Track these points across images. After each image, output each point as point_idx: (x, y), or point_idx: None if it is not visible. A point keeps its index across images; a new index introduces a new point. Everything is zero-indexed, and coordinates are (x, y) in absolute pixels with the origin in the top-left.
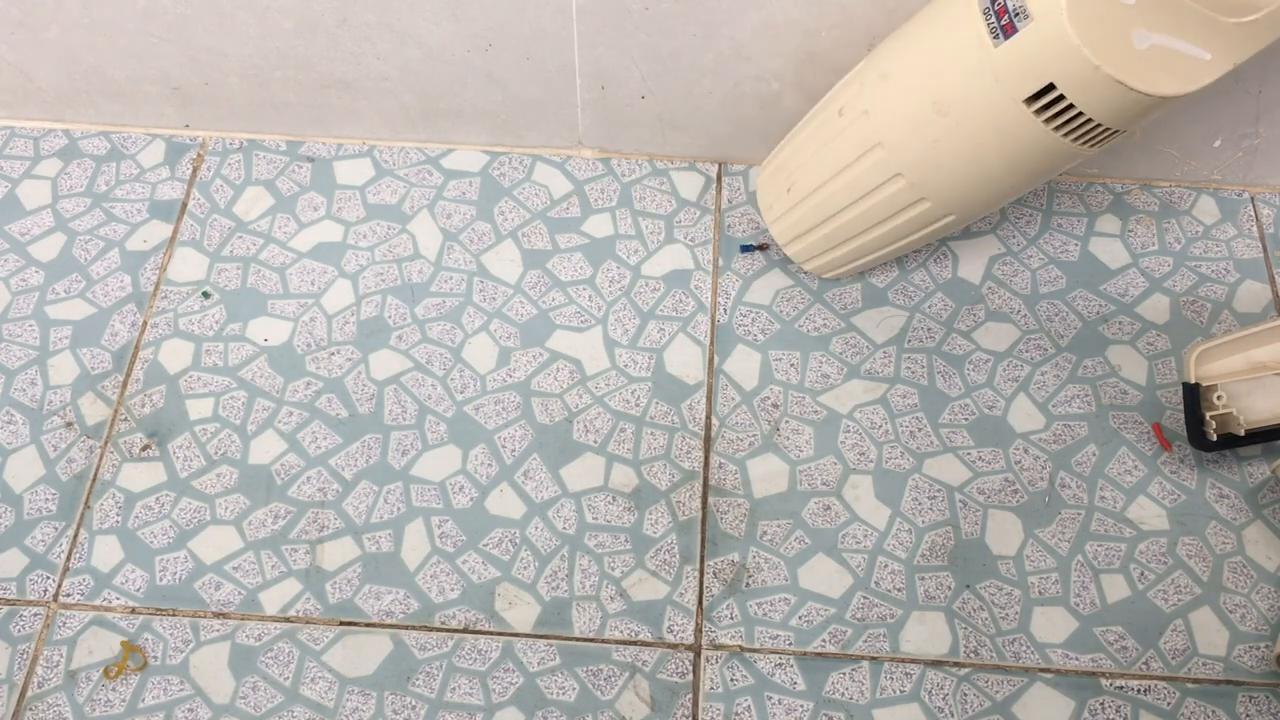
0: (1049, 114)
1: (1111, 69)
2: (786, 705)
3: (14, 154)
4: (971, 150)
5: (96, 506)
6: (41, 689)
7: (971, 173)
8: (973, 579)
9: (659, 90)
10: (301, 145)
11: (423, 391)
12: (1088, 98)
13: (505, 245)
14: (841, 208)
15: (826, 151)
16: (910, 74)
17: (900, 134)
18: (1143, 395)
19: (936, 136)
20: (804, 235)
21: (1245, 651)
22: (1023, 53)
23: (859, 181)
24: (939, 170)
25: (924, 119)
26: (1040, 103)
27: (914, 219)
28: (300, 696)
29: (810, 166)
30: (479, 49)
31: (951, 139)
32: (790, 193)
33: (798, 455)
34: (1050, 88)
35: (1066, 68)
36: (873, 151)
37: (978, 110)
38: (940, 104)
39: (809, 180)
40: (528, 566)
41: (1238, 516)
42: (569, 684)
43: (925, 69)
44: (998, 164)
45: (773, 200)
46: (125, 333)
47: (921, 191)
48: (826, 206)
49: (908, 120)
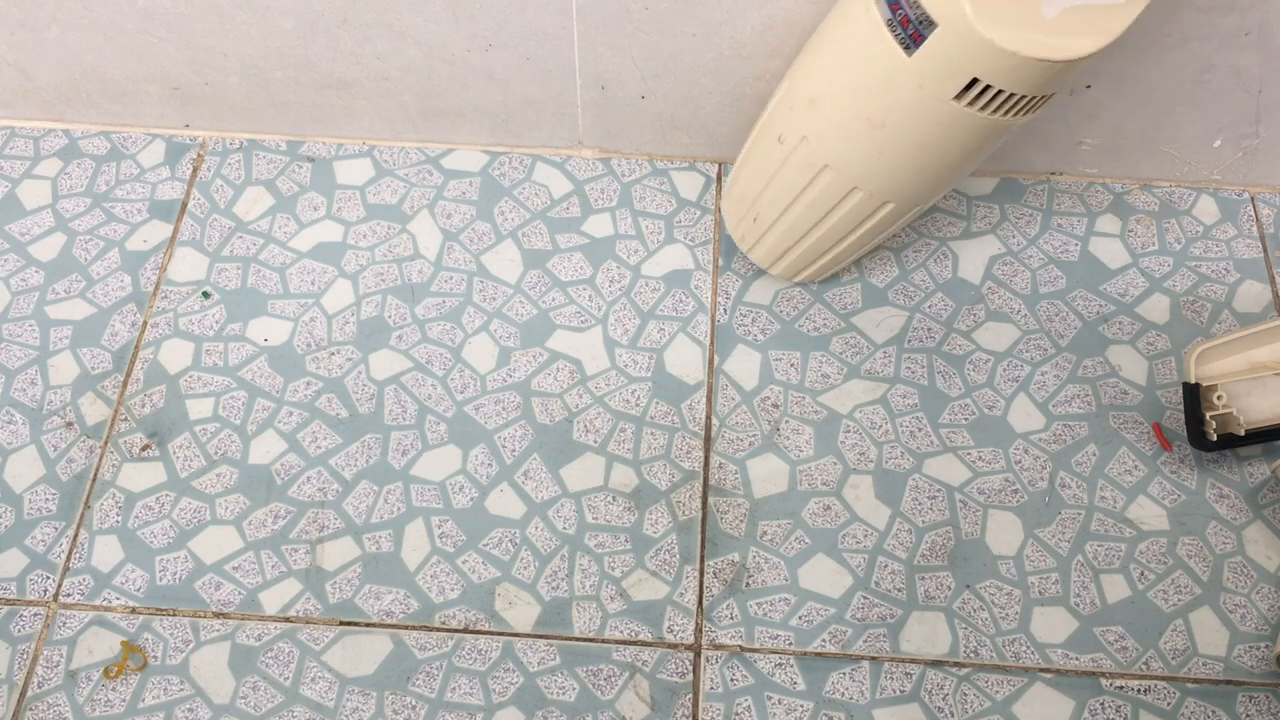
0: (980, 102)
1: (1029, 50)
2: (786, 705)
3: (14, 154)
4: (917, 151)
5: (96, 506)
6: (41, 689)
7: (924, 169)
8: (973, 579)
9: (659, 90)
10: (301, 145)
11: (423, 391)
12: (1012, 81)
13: (505, 245)
14: (811, 226)
15: (778, 181)
16: (837, 96)
17: (844, 153)
18: (1143, 395)
19: (880, 148)
20: (783, 256)
21: (1245, 651)
22: (938, 57)
23: (819, 202)
24: (892, 175)
25: (862, 135)
26: (969, 96)
27: (885, 217)
28: (300, 696)
29: (768, 197)
30: (479, 49)
31: (895, 147)
32: (757, 222)
33: (798, 455)
34: (975, 81)
35: (984, 61)
36: (823, 173)
37: (911, 116)
38: (873, 119)
39: (771, 211)
40: (528, 566)
41: (1238, 516)
42: (569, 684)
43: (849, 89)
44: (945, 156)
45: (744, 231)
46: (125, 333)
47: (882, 197)
48: (796, 229)
49: (847, 139)
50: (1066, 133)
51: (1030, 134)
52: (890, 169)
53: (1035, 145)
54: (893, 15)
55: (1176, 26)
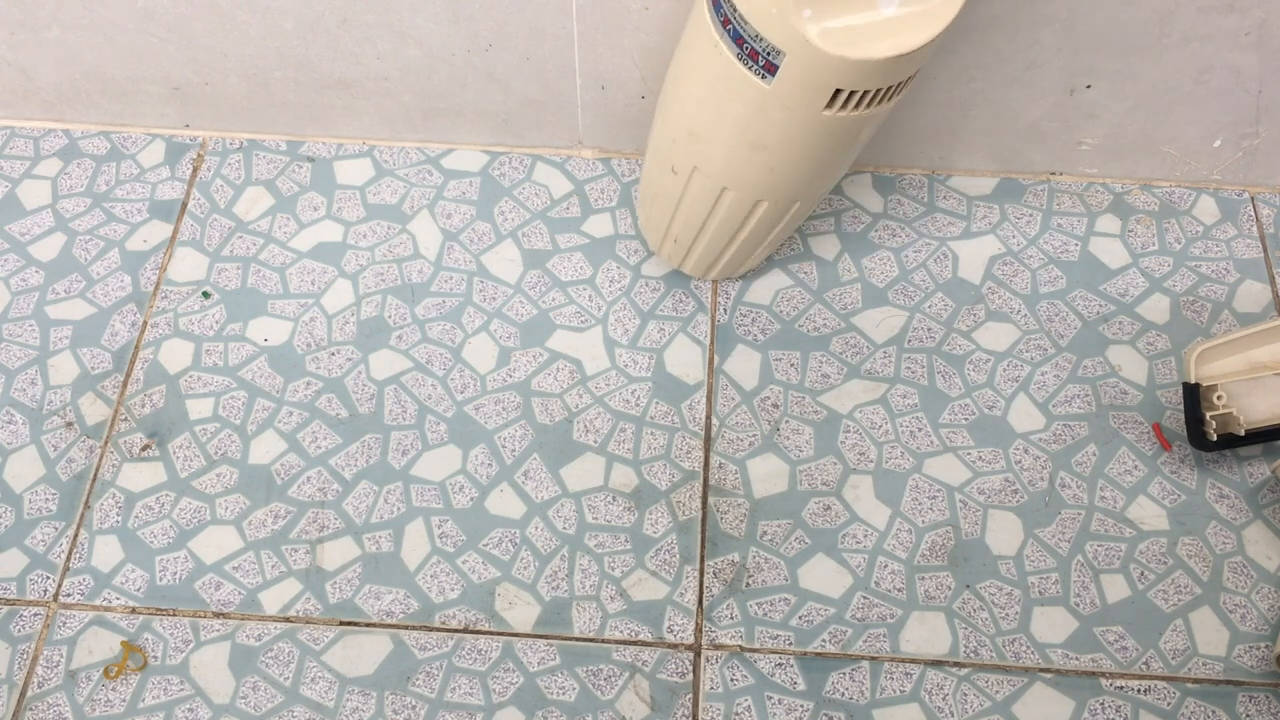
0: (849, 106)
1: (878, 52)
2: (786, 705)
3: (14, 154)
4: (805, 161)
5: (96, 506)
6: (41, 689)
7: (818, 170)
8: (973, 579)
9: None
10: (301, 145)
11: (423, 391)
12: (872, 81)
13: (505, 245)
14: (729, 239)
15: (685, 208)
16: (715, 128)
17: (738, 175)
18: (1143, 395)
19: (770, 165)
20: (713, 265)
21: (1245, 651)
22: (796, 80)
23: (730, 218)
24: (791, 181)
25: (750, 157)
26: (836, 104)
27: (796, 214)
28: (300, 696)
29: (679, 221)
30: (479, 49)
31: (784, 161)
32: (677, 243)
33: (798, 455)
34: (838, 92)
35: (841, 74)
36: (725, 194)
37: (788, 134)
38: (755, 144)
39: (686, 232)
40: (528, 566)
41: (1238, 516)
42: (569, 684)
43: (723, 121)
44: (832, 155)
45: (668, 251)
46: (125, 333)
47: (789, 200)
48: (716, 243)
49: (736, 163)
50: (1066, 133)
51: (1030, 134)
52: (787, 179)
53: (1035, 145)
54: (740, 50)
55: (1176, 26)
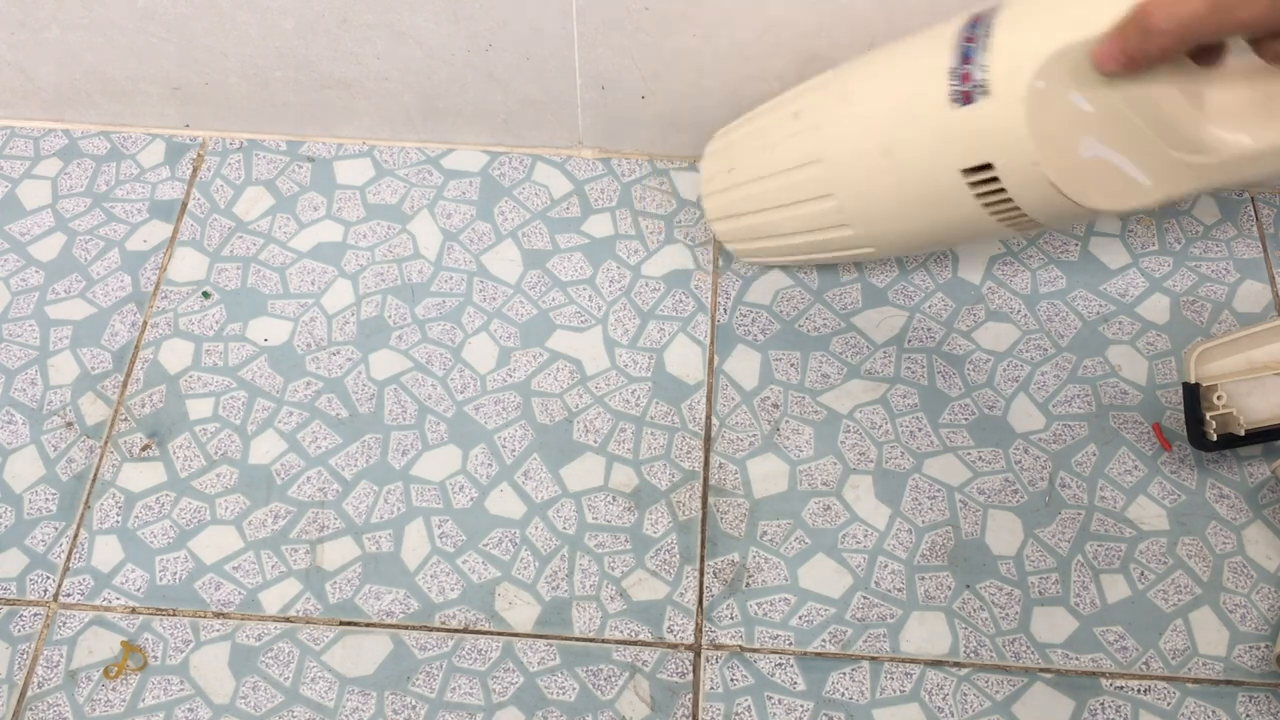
0: (981, 189)
1: (1049, 169)
2: (786, 705)
3: (14, 154)
4: (902, 196)
5: (96, 506)
6: (41, 689)
7: (897, 216)
8: (973, 579)
9: (659, 90)
10: (301, 145)
11: (423, 391)
12: (1019, 188)
13: (505, 245)
14: (771, 206)
15: (772, 149)
16: (869, 105)
17: (842, 158)
18: (1143, 395)
19: (875, 173)
20: (731, 218)
21: (1245, 651)
22: (973, 126)
23: (793, 189)
24: (868, 203)
25: (868, 153)
26: (976, 176)
27: (833, 240)
28: (300, 696)
29: (754, 157)
30: (479, 49)
31: (887, 179)
32: (731, 173)
33: (798, 455)
34: (988, 167)
35: (1008, 154)
36: (813, 165)
37: (918, 163)
38: (886, 145)
39: (750, 169)
40: (528, 566)
41: (1238, 516)
42: (569, 684)
43: (884, 107)
44: (923, 217)
45: (714, 173)
46: (125, 333)
47: (846, 217)
48: (758, 199)
49: (853, 149)
50: None
51: None
52: (871, 196)
53: None
54: (957, 65)
55: None
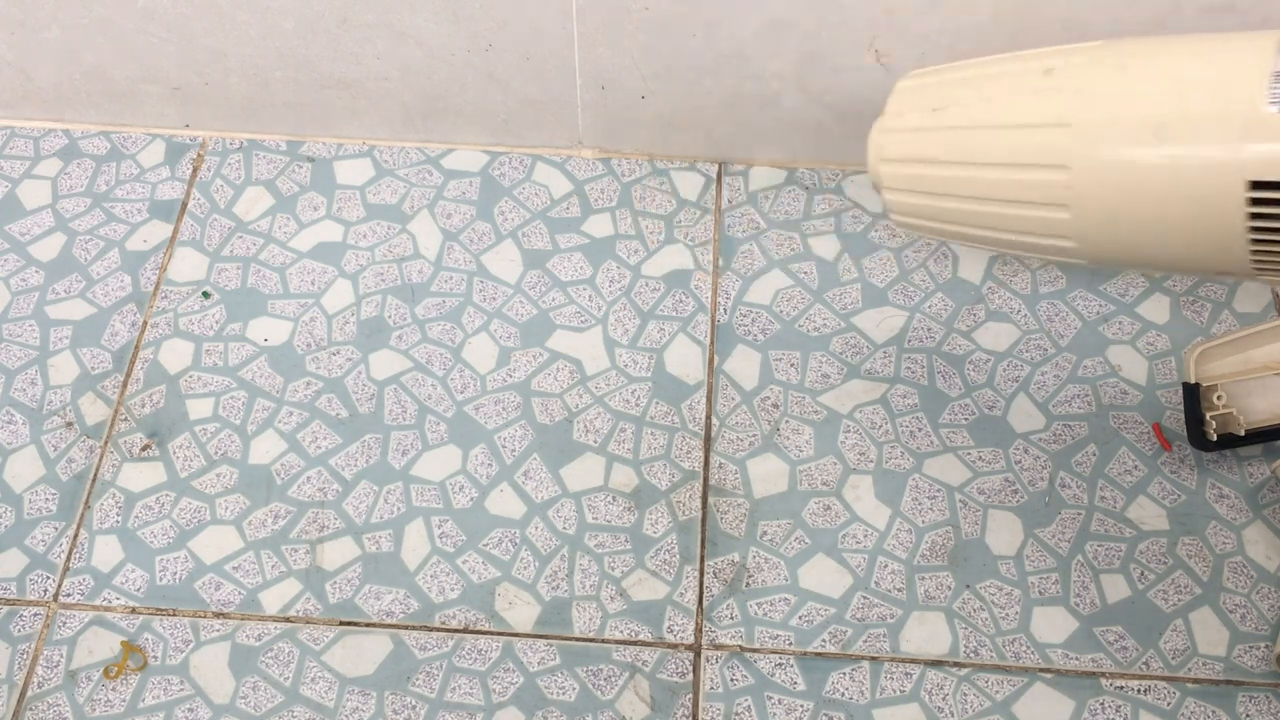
0: (1259, 209)
1: None
2: (786, 705)
3: (14, 154)
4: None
5: (96, 506)
6: (41, 689)
7: (1133, 215)
8: (973, 579)
9: (659, 90)
10: (301, 145)
11: (423, 391)
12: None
13: (505, 245)
14: (978, 161)
15: (1010, 98)
16: (1154, 81)
17: (1099, 129)
18: (1143, 395)
19: (1134, 157)
20: (915, 162)
21: (1245, 651)
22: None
23: (1022, 146)
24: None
25: (1135, 131)
26: (1261, 194)
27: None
28: (300, 696)
29: (980, 101)
30: (479, 49)
31: (1145, 168)
32: (935, 113)
33: (798, 455)
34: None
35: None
36: (1057, 128)
37: (1196, 158)
38: (1164, 129)
39: (970, 112)
40: (528, 566)
41: (1238, 516)
42: (569, 684)
43: (1175, 86)
44: (1169, 221)
45: (906, 109)
46: (125, 333)
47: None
48: (963, 149)
49: (1118, 121)
50: None
51: None
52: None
53: None
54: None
55: (1177, 27)
